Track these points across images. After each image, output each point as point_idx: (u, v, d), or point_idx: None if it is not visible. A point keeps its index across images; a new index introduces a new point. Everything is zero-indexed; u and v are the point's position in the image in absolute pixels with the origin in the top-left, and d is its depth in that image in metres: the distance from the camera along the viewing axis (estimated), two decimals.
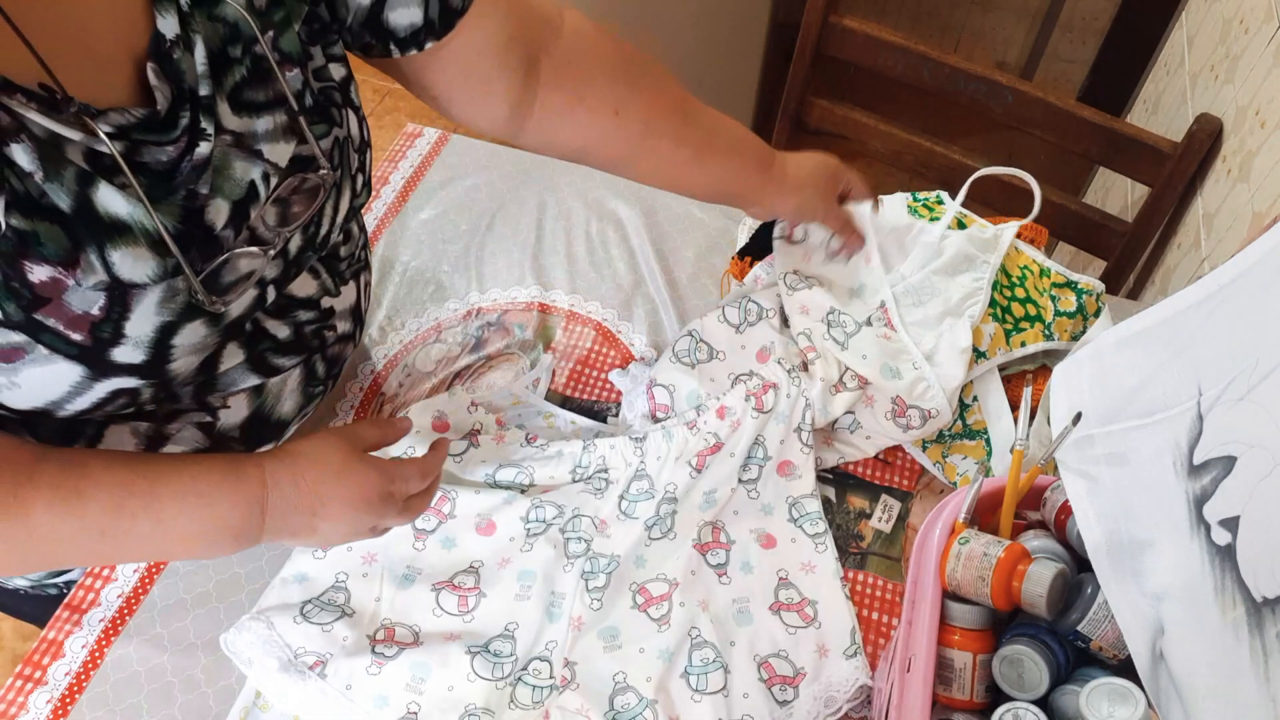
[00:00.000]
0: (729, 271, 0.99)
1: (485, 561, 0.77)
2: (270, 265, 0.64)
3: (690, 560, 0.77)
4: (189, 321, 0.58)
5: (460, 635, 0.73)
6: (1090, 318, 0.95)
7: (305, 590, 0.74)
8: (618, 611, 0.75)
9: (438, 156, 1.12)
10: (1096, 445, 0.57)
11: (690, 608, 0.75)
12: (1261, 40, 1.14)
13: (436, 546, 0.78)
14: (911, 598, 0.61)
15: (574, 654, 0.72)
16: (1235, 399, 0.46)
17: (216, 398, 0.68)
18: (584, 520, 0.79)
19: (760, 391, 0.84)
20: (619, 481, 0.81)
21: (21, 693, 0.71)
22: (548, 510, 0.79)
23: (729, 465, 0.81)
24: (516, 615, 0.74)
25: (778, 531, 0.81)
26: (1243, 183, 1.08)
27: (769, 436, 0.83)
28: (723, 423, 0.83)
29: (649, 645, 0.73)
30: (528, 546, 0.77)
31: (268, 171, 0.60)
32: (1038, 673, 0.54)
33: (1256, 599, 0.42)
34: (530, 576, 0.76)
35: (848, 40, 1.31)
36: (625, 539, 0.78)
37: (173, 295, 0.56)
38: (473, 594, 0.75)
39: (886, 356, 0.85)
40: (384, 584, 0.75)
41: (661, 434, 0.82)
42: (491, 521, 0.78)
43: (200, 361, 0.63)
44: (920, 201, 0.99)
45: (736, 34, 2.14)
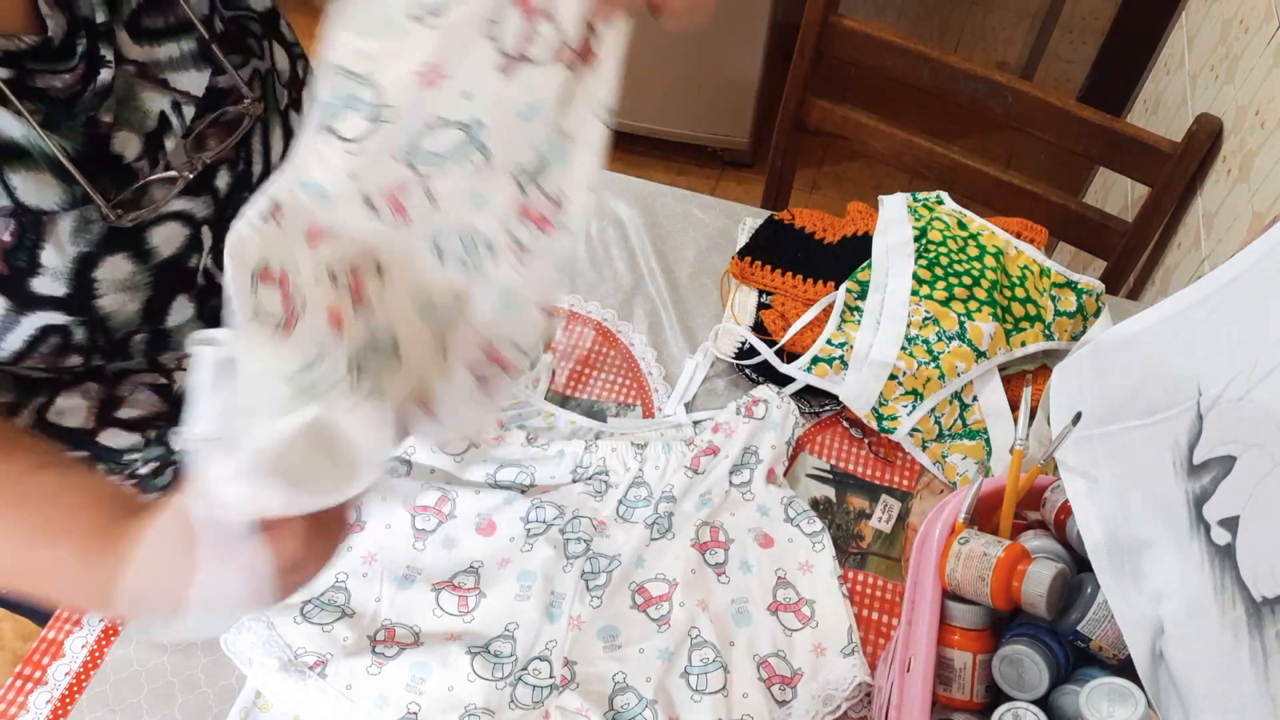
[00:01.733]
0: (729, 271, 0.99)
1: (485, 562, 0.77)
2: (199, 204, 0.63)
3: (689, 560, 0.77)
4: (109, 254, 0.58)
5: (460, 635, 0.73)
6: (1090, 318, 0.95)
7: (305, 590, 0.74)
8: (617, 611, 0.75)
9: None
10: (1096, 445, 0.57)
11: (690, 608, 0.75)
12: (1261, 40, 1.14)
13: (437, 547, 0.78)
14: (911, 598, 0.61)
15: (574, 654, 0.72)
16: (1235, 399, 0.46)
17: (170, 358, 0.68)
18: (584, 521, 0.79)
19: (750, 404, 0.86)
20: (618, 486, 0.81)
21: (21, 693, 0.71)
22: (548, 511, 0.79)
23: (723, 466, 0.82)
24: (516, 615, 0.74)
25: (775, 531, 0.81)
26: (1243, 183, 1.08)
27: (761, 443, 0.84)
28: (717, 435, 0.85)
29: (649, 645, 0.73)
30: (528, 547, 0.77)
31: (178, 101, 0.60)
32: (1037, 673, 0.54)
33: (1256, 599, 0.42)
34: (530, 576, 0.76)
35: (848, 40, 1.31)
36: (626, 540, 0.78)
37: (86, 224, 0.56)
38: (473, 594, 0.75)
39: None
40: (384, 584, 0.75)
41: (661, 445, 0.83)
42: (492, 521, 0.78)
43: (141, 308, 0.62)
44: (920, 201, 0.99)
45: (736, 34, 2.14)
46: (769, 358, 0.91)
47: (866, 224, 0.97)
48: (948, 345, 0.86)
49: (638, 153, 2.48)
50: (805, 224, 1.01)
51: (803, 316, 0.92)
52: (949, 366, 0.86)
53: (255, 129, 0.67)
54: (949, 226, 0.94)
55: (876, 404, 0.87)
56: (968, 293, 0.88)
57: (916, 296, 0.88)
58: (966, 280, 0.89)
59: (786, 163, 1.48)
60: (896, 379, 0.87)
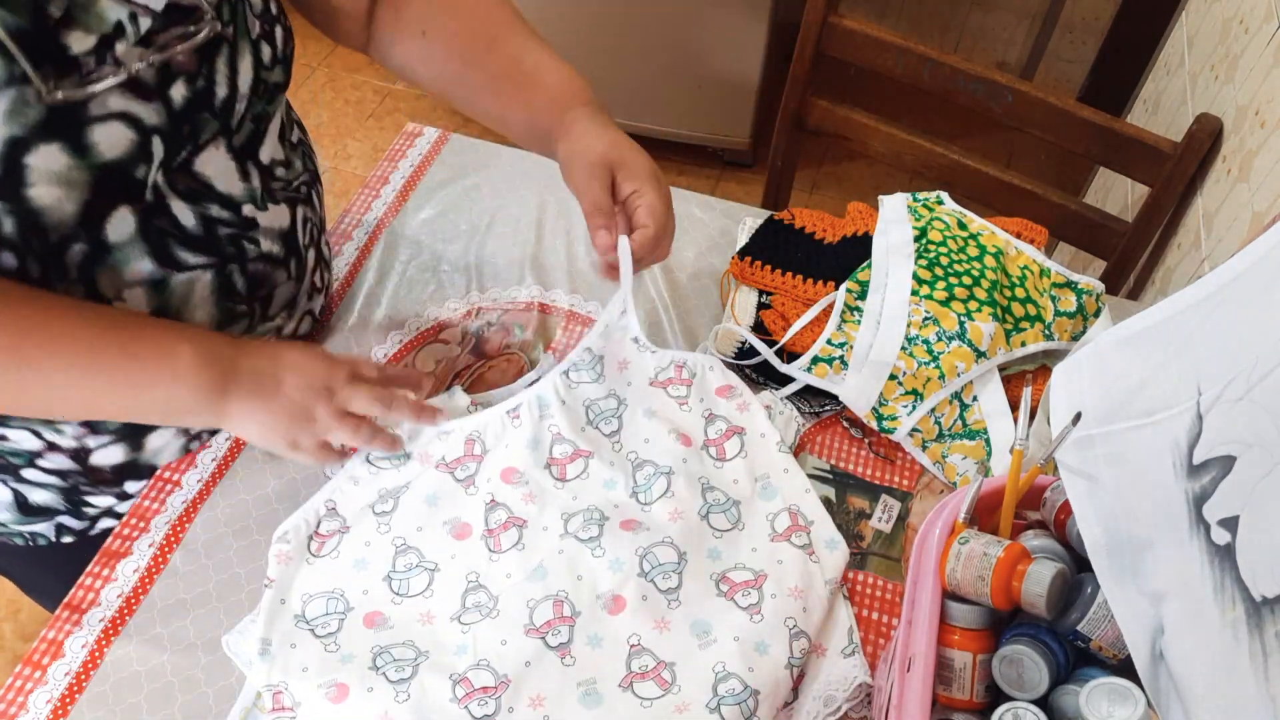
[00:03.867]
0: (729, 271, 0.99)
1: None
2: (149, 110, 0.63)
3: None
4: (44, 142, 0.57)
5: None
6: (1090, 318, 0.95)
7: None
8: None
9: (438, 156, 1.12)
10: (1096, 445, 0.57)
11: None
12: (1261, 40, 1.14)
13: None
14: (911, 598, 0.61)
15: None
16: (1235, 399, 0.46)
17: (108, 281, 0.67)
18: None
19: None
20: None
21: (21, 693, 0.71)
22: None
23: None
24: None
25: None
26: (1243, 183, 1.08)
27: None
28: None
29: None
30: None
31: (135, 13, 0.60)
32: (1037, 673, 0.54)
33: (1256, 599, 0.42)
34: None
35: (848, 40, 1.31)
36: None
37: (23, 106, 0.56)
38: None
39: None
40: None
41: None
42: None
43: (79, 211, 0.61)
44: (920, 201, 0.99)
45: (736, 34, 2.14)
46: (769, 358, 0.91)
47: (866, 224, 0.97)
48: (948, 345, 0.86)
49: None
50: (805, 224, 1.01)
51: (803, 316, 0.92)
52: (949, 366, 0.86)
53: (222, 49, 0.67)
54: (949, 226, 0.94)
55: (876, 404, 0.87)
56: (968, 293, 0.88)
57: (916, 296, 0.88)
58: (966, 280, 0.89)
59: (786, 163, 1.48)
60: (896, 379, 0.87)
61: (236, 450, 0.84)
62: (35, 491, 0.80)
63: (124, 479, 0.81)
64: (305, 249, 0.83)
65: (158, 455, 0.81)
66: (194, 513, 0.80)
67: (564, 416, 0.82)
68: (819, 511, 0.81)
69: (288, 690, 0.69)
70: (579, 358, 0.83)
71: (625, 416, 0.83)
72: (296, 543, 0.76)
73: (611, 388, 0.84)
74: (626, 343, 0.85)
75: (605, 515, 0.77)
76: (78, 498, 0.81)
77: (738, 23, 2.12)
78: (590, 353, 0.84)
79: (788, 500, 0.80)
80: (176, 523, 0.80)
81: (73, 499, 0.81)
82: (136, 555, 0.78)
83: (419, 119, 2.60)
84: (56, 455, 0.76)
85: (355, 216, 1.05)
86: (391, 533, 0.77)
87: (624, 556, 0.74)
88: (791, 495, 0.81)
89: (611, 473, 0.80)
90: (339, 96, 2.64)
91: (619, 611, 0.72)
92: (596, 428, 0.83)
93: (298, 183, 0.81)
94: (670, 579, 0.74)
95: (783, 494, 0.81)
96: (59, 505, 0.81)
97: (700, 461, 0.81)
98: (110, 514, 0.85)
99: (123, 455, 0.79)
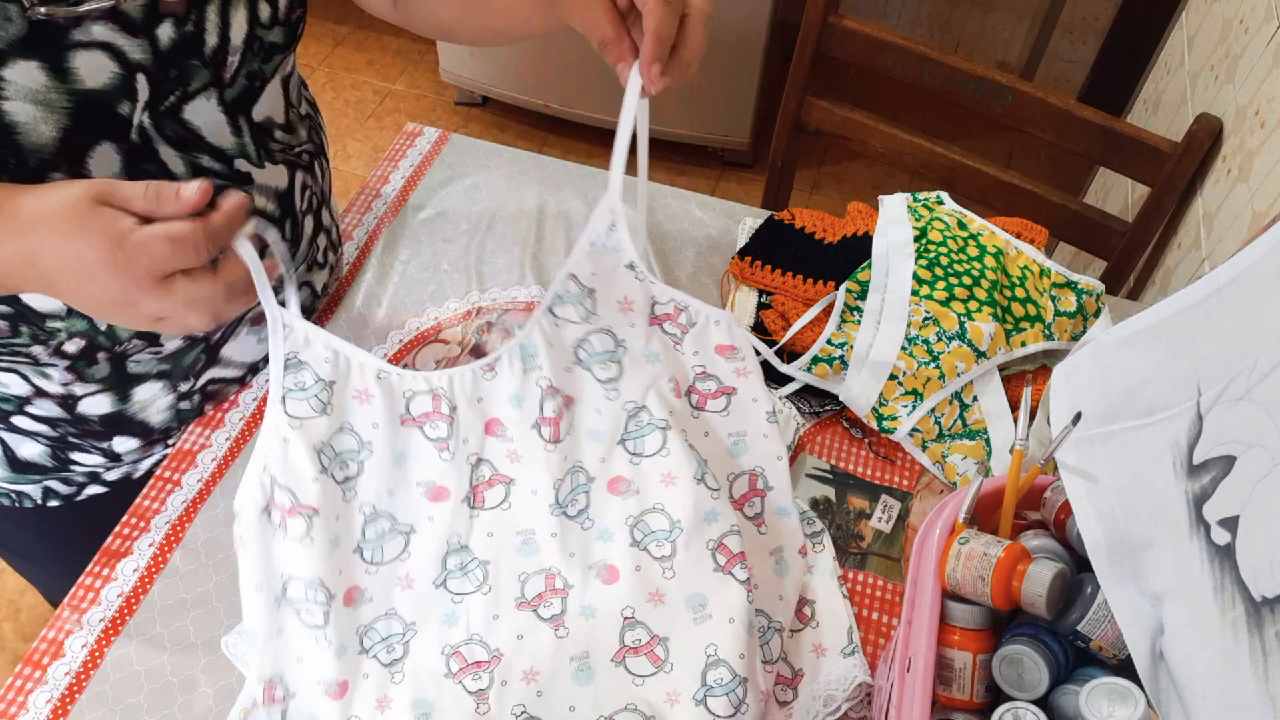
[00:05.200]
0: (729, 271, 0.99)
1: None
2: (133, 45, 0.63)
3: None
4: (22, 58, 0.58)
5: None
6: (1090, 318, 0.95)
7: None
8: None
9: (438, 156, 1.12)
10: (1096, 445, 0.57)
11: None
12: (1261, 40, 1.14)
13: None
14: (911, 598, 0.61)
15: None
16: (1234, 399, 0.46)
17: None
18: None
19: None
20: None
21: (21, 692, 0.71)
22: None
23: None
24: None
25: None
26: (1243, 183, 1.08)
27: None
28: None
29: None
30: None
31: None
32: (1037, 673, 0.54)
33: (1256, 599, 0.42)
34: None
35: (848, 40, 1.31)
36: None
37: (3, 20, 0.56)
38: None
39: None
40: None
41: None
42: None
43: (58, 137, 0.61)
44: (920, 201, 0.99)
45: (736, 34, 2.14)
46: (769, 358, 0.91)
47: (866, 224, 0.97)
48: (948, 345, 0.86)
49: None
50: (805, 224, 1.01)
51: (803, 316, 0.92)
52: (949, 366, 0.86)
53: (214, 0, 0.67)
54: (949, 226, 0.94)
55: (876, 404, 0.87)
56: (968, 293, 0.88)
57: (916, 296, 0.88)
58: (966, 280, 0.89)
59: (786, 163, 1.48)
60: (896, 379, 0.87)
61: (236, 450, 0.84)
62: (24, 443, 0.80)
63: (112, 432, 0.82)
64: (302, 214, 0.84)
65: (145, 409, 0.82)
66: (194, 513, 0.80)
67: (550, 361, 0.73)
68: (783, 480, 0.78)
69: (281, 681, 0.68)
70: (563, 289, 0.73)
71: (626, 361, 0.75)
72: (249, 521, 0.69)
73: (608, 325, 0.75)
74: (622, 272, 0.73)
75: (591, 476, 0.74)
76: (65, 454, 0.82)
77: (738, 23, 2.12)
78: (577, 283, 0.73)
79: (755, 462, 0.78)
80: (176, 523, 0.80)
81: (60, 455, 0.82)
82: (136, 555, 0.78)
83: (419, 119, 2.61)
84: (45, 401, 0.77)
85: (355, 216, 1.05)
86: (358, 499, 0.72)
87: (613, 526, 0.72)
88: (760, 458, 0.78)
89: (598, 421, 0.75)
90: (339, 97, 2.64)
91: (613, 581, 0.71)
92: (589, 369, 0.75)
93: (299, 149, 0.82)
94: (664, 546, 0.72)
95: (751, 455, 0.78)
96: (46, 462, 0.82)
97: (683, 409, 0.77)
98: (98, 480, 0.85)
99: (109, 405, 0.80)
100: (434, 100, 2.66)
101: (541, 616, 0.70)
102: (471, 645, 0.70)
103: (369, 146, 2.52)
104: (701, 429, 0.78)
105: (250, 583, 0.69)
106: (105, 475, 0.85)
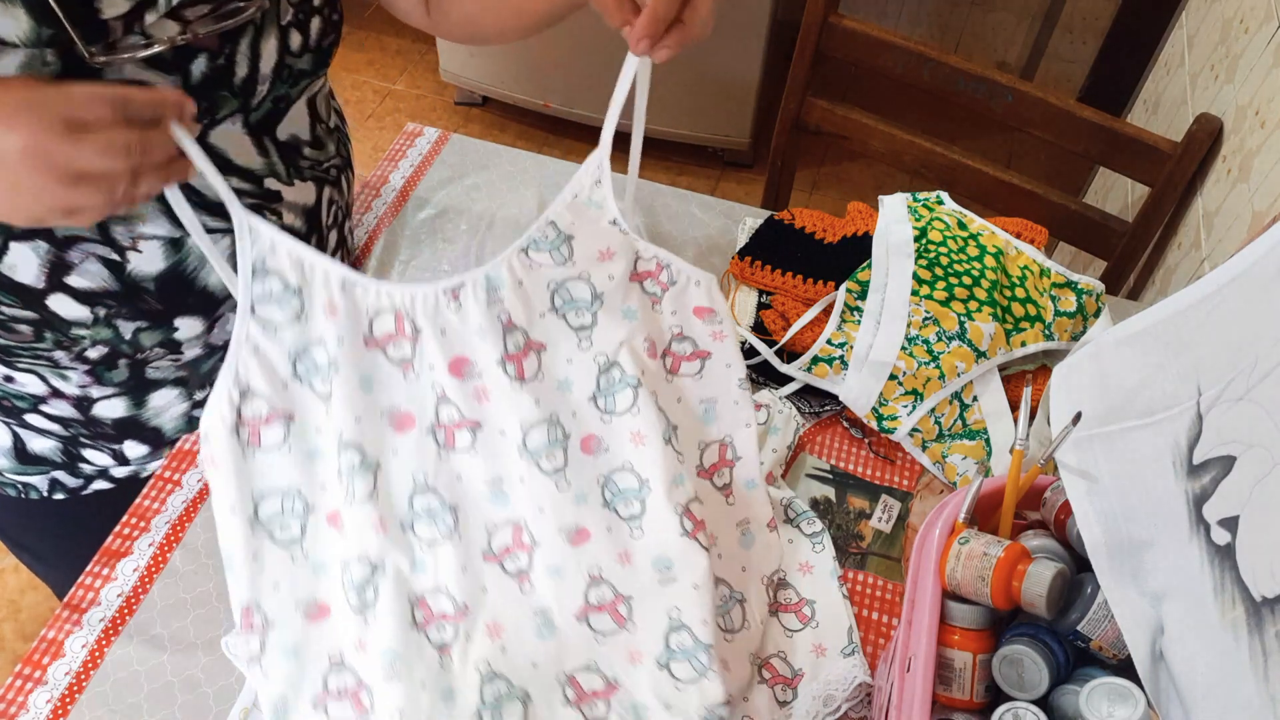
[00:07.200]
0: (729, 271, 0.99)
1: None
2: (167, 84, 0.63)
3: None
4: None
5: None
6: (1090, 318, 0.95)
7: None
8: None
9: (438, 156, 1.12)
10: (1096, 445, 0.57)
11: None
12: (1261, 40, 1.14)
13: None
14: (911, 598, 0.61)
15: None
16: (1234, 399, 0.46)
17: (123, 233, 0.68)
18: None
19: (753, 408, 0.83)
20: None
21: (21, 692, 0.71)
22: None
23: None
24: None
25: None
26: (1243, 183, 1.08)
27: (763, 447, 0.84)
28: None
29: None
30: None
31: None
32: (1037, 673, 0.54)
33: (1256, 599, 0.42)
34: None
35: (848, 40, 1.31)
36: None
37: (42, 64, 0.57)
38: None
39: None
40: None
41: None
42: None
43: None
44: (920, 201, 0.99)
45: (736, 34, 2.14)
46: (769, 358, 0.91)
47: (866, 224, 0.97)
48: (948, 345, 0.86)
49: None
50: (805, 224, 1.01)
51: (803, 316, 0.93)
52: (949, 366, 0.86)
53: (247, 30, 0.68)
54: (949, 226, 0.94)
55: (876, 404, 0.87)
56: (968, 293, 0.88)
57: (916, 297, 0.88)
58: (966, 280, 0.89)
59: (786, 163, 1.48)
60: (896, 379, 0.87)
61: None
62: (35, 439, 0.81)
63: (124, 436, 0.82)
64: (328, 229, 0.85)
65: (159, 415, 0.82)
66: (194, 513, 0.80)
67: (518, 300, 0.70)
68: (750, 449, 0.77)
69: (258, 608, 0.68)
70: (541, 234, 0.70)
71: (601, 314, 0.73)
72: (220, 441, 0.67)
73: (585, 273, 0.72)
74: (604, 226, 0.71)
75: (567, 432, 0.72)
76: (76, 451, 0.82)
77: (738, 23, 2.12)
78: (555, 229, 0.70)
79: (724, 430, 0.77)
80: (176, 522, 0.80)
81: (70, 451, 0.82)
82: (136, 555, 0.78)
83: (419, 119, 2.60)
84: (60, 402, 0.78)
85: (355, 216, 1.05)
86: (334, 420, 0.69)
87: (587, 488, 0.71)
88: (730, 425, 0.77)
89: (569, 371, 0.72)
90: (339, 97, 2.64)
91: (582, 542, 0.71)
92: (563, 317, 0.72)
93: (328, 164, 0.82)
94: (632, 505, 0.71)
95: (721, 423, 0.77)
96: (56, 457, 0.82)
97: (657, 372, 0.75)
98: (105, 476, 0.86)
99: (124, 409, 0.80)
100: (434, 100, 2.66)
101: (507, 570, 0.70)
102: (438, 595, 0.69)
103: (369, 146, 2.52)
104: (674, 394, 0.76)
105: (224, 504, 0.67)
106: (113, 471, 0.86)
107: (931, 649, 0.56)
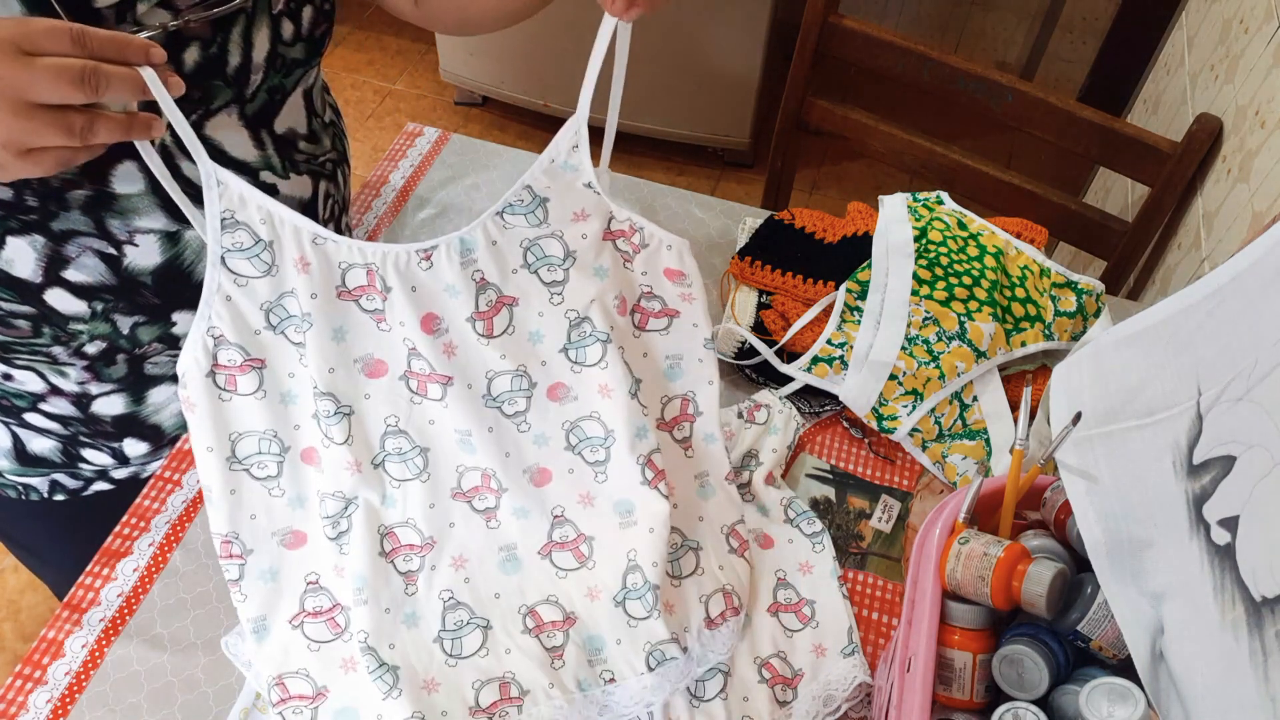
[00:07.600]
0: (729, 271, 0.99)
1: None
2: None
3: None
4: None
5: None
6: (1090, 318, 0.95)
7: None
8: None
9: (438, 156, 1.12)
10: (1096, 445, 0.57)
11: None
12: (1261, 40, 1.14)
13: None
14: (911, 598, 0.61)
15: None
16: (1235, 399, 0.46)
17: (119, 226, 0.69)
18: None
19: (752, 409, 0.87)
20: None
21: (21, 692, 0.71)
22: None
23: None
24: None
25: (775, 532, 0.81)
26: (1243, 183, 1.08)
27: (763, 447, 0.84)
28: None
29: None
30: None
31: None
32: (1038, 673, 0.54)
33: (1256, 599, 0.42)
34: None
35: (848, 40, 1.31)
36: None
37: None
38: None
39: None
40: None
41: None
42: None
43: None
44: (920, 201, 0.99)
45: (736, 34, 2.14)
46: (769, 358, 0.91)
47: (866, 224, 0.97)
48: (948, 345, 0.86)
49: (638, 153, 2.48)
50: (805, 224, 1.01)
51: (803, 316, 0.93)
52: (949, 366, 0.86)
53: (239, 19, 0.68)
54: (949, 226, 0.94)
55: (876, 404, 0.87)
56: (968, 293, 0.88)
57: (916, 297, 0.88)
58: (966, 280, 0.89)
59: (786, 163, 1.48)
60: (896, 379, 0.87)
61: None
62: (35, 439, 0.81)
63: (124, 434, 0.82)
64: (325, 223, 0.85)
65: (158, 412, 0.83)
66: (194, 513, 0.80)
67: (491, 260, 0.72)
68: (712, 406, 0.79)
69: (237, 538, 0.71)
70: (516, 197, 0.72)
71: (573, 272, 0.74)
72: (196, 385, 0.69)
73: (558, 230, 0.74)
74: (579, 188, 0.73)
75: (533, 381, 0.74)
76: (75, 450, 0.82)
77: (738, 23, 2.12)
78: (531, 193, 0.72)
79: (688, 385, 0.79)
80: (176, 522, 0.80)
81: (70, 452, 0.82)
82: (136, 555, 0.78)
83: (419, 119, 2.61)
84: (59, 400, 0.78)
85: (355, 216, 1.05)
86: (310, 369, 0.71)
87: (550, 431, 0.75)
88: (693, 382, 0.79)
89: (540, 324, 0.74)
90: (338, 97, 2.64)
91: (545, 483, 0.74)
92: (535, 273, 0.74)
93: (324, 158, 0.83)
94: (598, 452, 0.75)
95: (685, 379, 0.79)
96: (56, 457, 0.83)
97: (625, 328, 0.77)
98: (105, 477, 0.86)
99: (123, 406, 0.80)
100: (434, 100, 2.66)
101: (475, 508, 0.74)
102: (406, 529, 0.73)
103: (369, 146, 2.52)
104: (640, 349, 0.78)
105: (201, 444, 0.70)
106: (113, 473, 0.86)
107: (931, 649, 0.56)
